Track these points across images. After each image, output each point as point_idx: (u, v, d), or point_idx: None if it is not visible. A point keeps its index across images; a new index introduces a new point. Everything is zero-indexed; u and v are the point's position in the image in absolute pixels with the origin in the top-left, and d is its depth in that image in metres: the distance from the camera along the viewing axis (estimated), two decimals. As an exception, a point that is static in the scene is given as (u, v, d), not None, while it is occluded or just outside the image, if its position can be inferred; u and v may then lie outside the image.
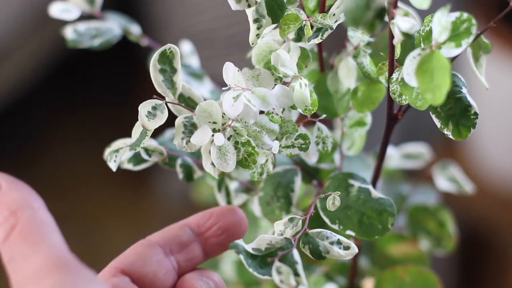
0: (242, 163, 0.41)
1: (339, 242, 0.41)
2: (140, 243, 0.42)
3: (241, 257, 0.38)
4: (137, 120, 0.42)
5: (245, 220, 0.44)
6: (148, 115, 0.41)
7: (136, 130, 0.42)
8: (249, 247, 0.39)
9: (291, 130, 0.43)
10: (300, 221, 0.42)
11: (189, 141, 0.41)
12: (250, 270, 0.38)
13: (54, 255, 0.35)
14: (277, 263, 0.38)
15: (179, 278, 0.42)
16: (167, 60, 0.41)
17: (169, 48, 0.41)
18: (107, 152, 0.45)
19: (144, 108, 0.41)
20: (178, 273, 0.42)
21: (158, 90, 0.41)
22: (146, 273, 0.41)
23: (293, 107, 0.42)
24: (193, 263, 0.43)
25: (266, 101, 0.40)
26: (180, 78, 0.42)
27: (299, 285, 0.38)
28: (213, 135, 0.40)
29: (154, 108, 0.41)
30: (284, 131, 0.44)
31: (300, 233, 0.41)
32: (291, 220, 0.42)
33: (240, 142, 0.41)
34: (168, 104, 0.41)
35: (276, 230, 0.42)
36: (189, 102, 0.43)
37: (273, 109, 0.41)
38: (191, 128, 0.41)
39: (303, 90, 0.42)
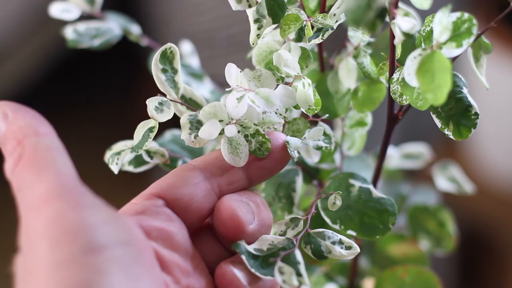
0: (256, 153, 0.41)
1: (340, 242, 0.41)
2: (180, 167, 0.41)
3: (243, 257, 0.38)
4: (137, 119, 0.42)
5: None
6: (156, 109, 0.41)
7: (139, 132, 0.42)
8: (251, 248, 0.39)
9: (302, 128, 0.43)
10: (302, 221, 0.42)
11: (197, 136, 0.41)
12: (252, 270, 0.38)
13: (57, 182, 0.34)
14: (279, 263, 0.38)
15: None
16: (167, 60, 0.42)
17: (170, 48, 0.41)
18: (109, 154, 0.44)
19: (152, 102, 0.41)
20: (219, 196, 0.41)
21: (161, 89, 0.42)
22: (182, 195, 0.39)
23: (296, 107, 0.42)
24: (236, 186, 0.41)
25: (270, 101, 0.40)
26: (181, 78, 0.42)
27: (302, 285, 0.38)
28: (221, 132, 0.40)
29: (160, 103, 0.41)
30: (295, 128, 0.43)
31: (301, 233, 0.41)
32: (292, 220, 0.42)
33: (249, 135, 0.41)
34: (171, 103, 0.42)
35: (278, 231, 0.42)
36: (190, 103, 0.43)
37: (277, 109, 0.41)
38: (197, 124, 0.41)
39: (307, 90, 0.42)
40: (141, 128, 0.42)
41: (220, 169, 0.41)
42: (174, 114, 0.42)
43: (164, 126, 0.48)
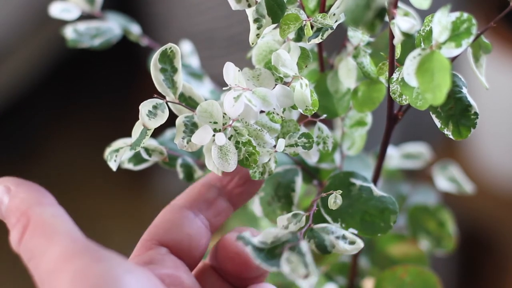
0: (243, 163, 0.41)
1: (344, 237, 0.41)
2: (167, 210, 0.42)
3: (248, 249, 0.38)
4: (137, 119, 0.42)
5: None
6: (148, 114, 0.41)
7: (136, 130, 0.42)
8: (255, 240, 0.39)
9: (293, 130, 0.44)
10: (304, 217, 0.42)
11: (190, 141, 0.41)
12: (258, 262, 0.38)
13: (71, 243, 0.35)
14: (286, 253, 0.38)
15: (212, 233, 0.42)
16: (167, 59, 0.41)
17: (170, 48, 0.41)
18: (107, 151, 0.44)
19: (144, 107, 0.41)
20: (210, 230, 0.42)
21: (159, 89, 0.41)
22: (181, 239, 0.41)
23: (293, 107, 0.42)
24: (223, 217, 0.43)
25: (267, 101, 0.40)
26: (181, 78, 0.42)
27: (309, 275, 0.38)
28: (214, 135, 0.40)
29: (154, 107, 0.41)
30: (285, 130, 0.44)
31: (305, 228, 0.41)
32: (294, 216, 0.42)
33: (241, 142, 0.41)
34: (169, 103, 0.41)
35: (279, 225, 0.42)
36: (189, 102, 0.43)
37: (274, 109, 0.41)
38: (192, 127, 0.41)
39: (304, 90, 0.42)
40: (139, 125, 0.42)
41: (205, 203, 0.42)
42: (174, 114, 0.42)
43: (164, 125, 0.48)
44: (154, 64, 0.41)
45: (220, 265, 0.42)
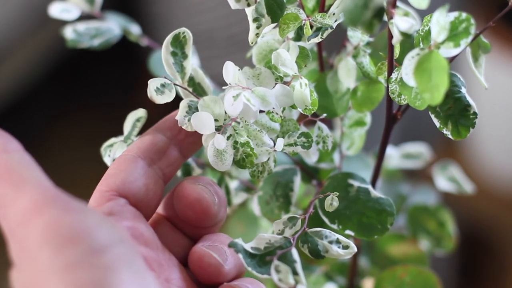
0: (239, 164, 0.41)
1: (338, 242, 0.41)
2: (121, 160, 0.41)
3: (240, 256, 0.38)
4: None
5: None
6: (156, 90, 0.41)
7: (128, 123, 0.42)
8: (248, 246, 0.39)
9: (292, 129, 0.44)
10: (299, 221, 0.42)
11: (190, 120, 0.41)
12: (249, 269, 0.38)
13: (41, 192, 0.34)
14: (275, 262, 0.38)
15: (165, 184, 0.42)
16: (179, 44, 0.42)
17: (183, 32, 0.42)
18: (102, 148, 0.45)
19: (153, 83, 0.41)
20: (164, 180, 0.42)
21: (168, 71, 0.42)
22: (138, 189, 0.40)
23: (293, 106, 0.42)
24: (175, 167, 0.42)
25: (266, 100, 0.40)
26: (190, 64, 0.42)
27: (298, 284, 0.38)
28: (214, 133, 0.41)
29: (162, 85, 0.41)
30: (285, 130, 0.44)
31: (299, 232, 0.41)
32: (290, 219, 0.42)
33: (239, 142, 0.41)
34: (175, 86, 0.42)
35: (275, 230, 0.42)
36: (197, 88, 0.43)
37: (273, 108, 0.41)
38: (195, 110, 0.42)
39: (303, 90, 0.42)
40: (130, 119, 0.42)
41: (157, 153, 0.41)
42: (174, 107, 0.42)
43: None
44: (165, 46, 0.42)
45: (178, 214, 0.42)
